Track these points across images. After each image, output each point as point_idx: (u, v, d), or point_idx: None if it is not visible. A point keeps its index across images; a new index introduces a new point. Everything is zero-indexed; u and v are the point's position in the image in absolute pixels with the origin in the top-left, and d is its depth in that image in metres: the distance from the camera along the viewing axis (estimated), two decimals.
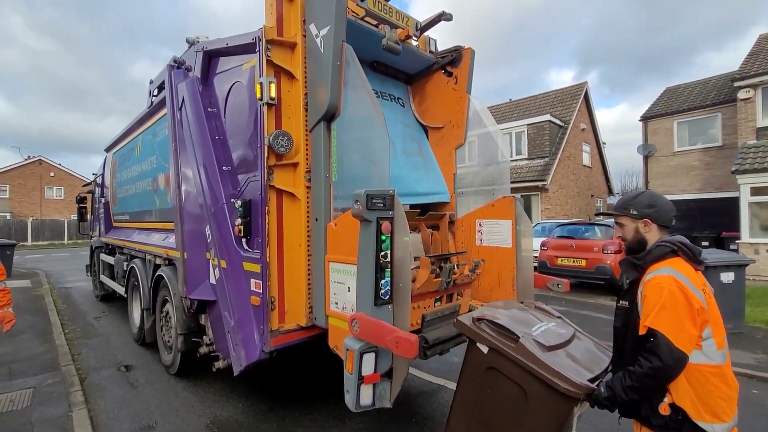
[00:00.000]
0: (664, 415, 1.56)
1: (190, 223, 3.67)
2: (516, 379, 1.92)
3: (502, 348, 1.96)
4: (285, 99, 2.85)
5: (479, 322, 2.10)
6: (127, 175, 6.03)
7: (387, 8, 3.23)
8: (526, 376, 1.87)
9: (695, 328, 1.52)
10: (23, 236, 25.57)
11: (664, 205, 1.79)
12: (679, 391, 1.55)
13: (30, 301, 7.85)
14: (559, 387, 1.75)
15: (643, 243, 1.79)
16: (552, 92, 19.39)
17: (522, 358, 1.88)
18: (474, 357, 2.11)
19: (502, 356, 1.96)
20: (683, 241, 1.69)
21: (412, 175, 3.60)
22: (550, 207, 16.05)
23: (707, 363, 1.53)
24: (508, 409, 1.96)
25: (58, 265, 14.55)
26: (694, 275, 1.62)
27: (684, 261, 1.65)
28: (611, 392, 1.64)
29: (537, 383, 1.84)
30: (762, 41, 13.16)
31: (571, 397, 1.74)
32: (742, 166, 10.85)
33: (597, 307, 7.72)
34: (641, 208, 1.79)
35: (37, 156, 32.65)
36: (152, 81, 4.70)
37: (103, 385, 4.06)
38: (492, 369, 2.01)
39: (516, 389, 1.92)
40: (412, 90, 4.14)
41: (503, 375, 1.97)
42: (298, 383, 4.09)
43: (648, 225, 1.78)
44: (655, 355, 1.51)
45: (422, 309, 2.45)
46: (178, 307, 3.83)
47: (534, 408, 1.86)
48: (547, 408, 1.83)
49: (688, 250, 1.66)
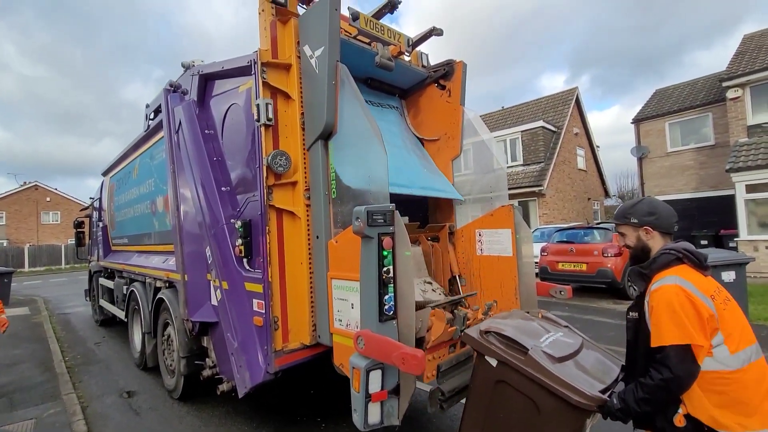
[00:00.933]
0: (679, 427, 1.52)
1: (190, 244, 3.66)
2: (527, 392, 1.89)
3: (511, 361, 1.93)
4: (282, 119, 2.88)
5: (486, 335, 2.08)
6: (124, 199, 6.03)
7: (379, 26, 3.30)
8: (536, 389, 1.84)
9: (705, 337, 1.48)
10: (20, 263, 25.39)
11: (664, 212, 1.77)
12: (693, 401, 1.51)
13: (29, 329, 7.75)
14: (572, 399, 1.72)
15: (646, 251, 1.76)
16: (544, 98, 19.64)
17: (532, 371, 1.85)
18: (482, 371, 2.09)
19: (511, 369, 1.93)
20: (687, 247, 1.66)
21: (424, 172, 3.62)
22: (548, 212, 16.10)
23: (721, 369, 1.49)
24: (519, 423, 1.93)
25: (56, 291, 14.43)
26: (701, 281, 1.58)
27: (690, 268, 1.62)
28: (624, 404, 1.61)
29: (548, 396, 1.81)
30: (747, 41, 13.43)
31: (583, 409, 1.72)
32: (735, 164, 10.97)
33: (600, 311, 7.69)
34: (641, 216, 1.78)
35: (33, 182, 32.64)
36: (149, 105, 4.74)
37: (106, 412, 4.00)
38: (501, 382, 1.99)
39: (527, 402, 1.89)
40: (407, 104, 4.19)
41: (513, 388, 1.94)
42: (304, 403, 4.03)
43: (649, 233, 1.76)
44: (665, 367, 1.49)
45: (437, 359, 2.41)
46: (180, 329, 3.80)
47: (546, 421, 1.83)
48: (560, 421, 1.80)
49: (693, 257, 1.62)
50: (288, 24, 2.90)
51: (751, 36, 13.69)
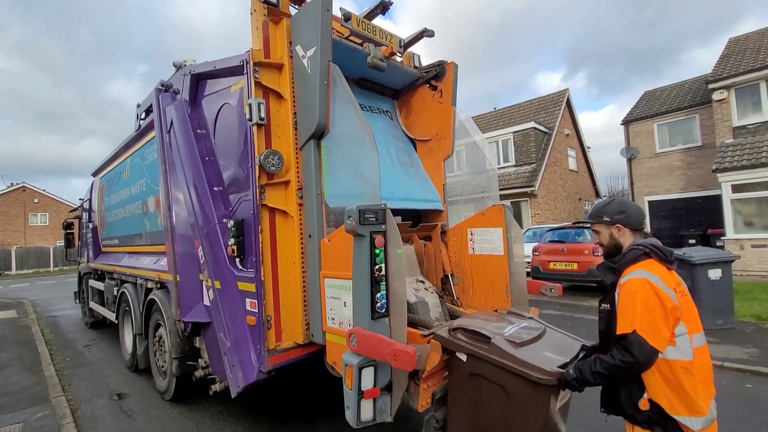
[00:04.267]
0: (644, 410, 1.65)
1: (182, 245, 3.65)
2: (496, 380, 2.01)
3: (477, 351, 2.06)
4: (274, 119, 2.89)
5: (455, 332, 2.19)
6: (115, 199, 5.98)
7: (371, 27, 3.32)
8: (503, 375, 1.97)
9: (667, 327, 1.60)
10: (7, 265, 24.96)
11: (633, 211, 1.91)
12: (652, 386, 1.63)
13: (16, 332, 7.63)
14: (532, 377, 1.85)
15: (618, 247, 1.90)
16: (535, 100, 19.83)
17: (496, 357, 1.99)
18: (456, 368, 2.19)
19: (479, 360, 2.06)
20: (654, 243, 1.78)
21: (407, 182, 3.66)
22: (540, 212, 16.25)
23: (680, 359, 1.60)
24: (495, 411, 2.03)
25: (45, 294, 14.20)
26: (666, 275, 1.70)
27: (656, 262, 1.73)
28: (579, 374, 1.74)
29: (514, 379, 1.93)
30: (732, 44, 13.70)
31: (546, 385, 1.84)
32: (721, 164, 11.18)
33: (590, 309, 7.77)
34: (612, 214, 1.91)
35: (20, 183, 32.08)
36: (140, 105, 4.71)
37: (96, 415, 3.96)
38: (474, 375, 2.10)
39: (498, 390, 2.01)
40: (399, 104, 4.22)
41: (484, 378, 2.06)
42: (297, 401, 4.03)
43: (620, 230, 1.89)
44: (628, 352, 1.60)
45: (432, 387, 2.42)
46: (172, 330, 3.77)
47: (517, 404, 1.95)
48: (528, 401, 1.92)
49: (660, 252, 1.75)
50: (280, 24, 2.91)
51: (736, 39, 13.98)
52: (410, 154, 4.02)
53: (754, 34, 13.82)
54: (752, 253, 10.71)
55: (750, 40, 13.36)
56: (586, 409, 3.52)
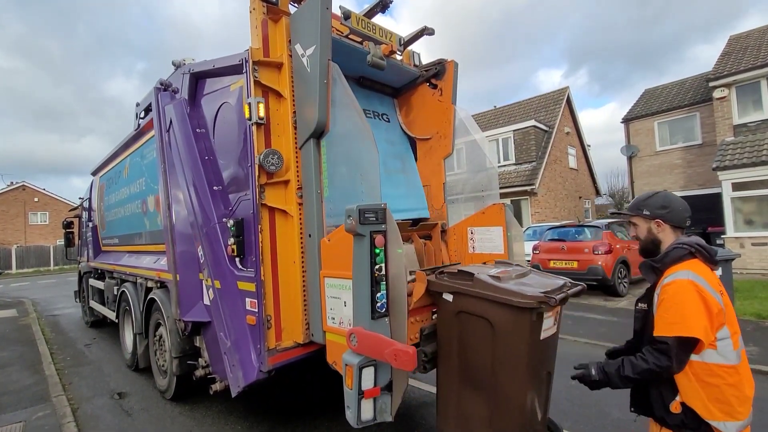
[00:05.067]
0: (676, 413, 1.58)
1: (182, 244, 3.64)
2: (480, 313, 2.07)
3: (461, 288, 2.13)
4: (274, 118, 2.88)
5: (441, 275, 2.28)
6: (115, 198, 5.97)
7: (370, 26, 3.31)
8: (486, 306, 2.03)
9: (710, 332, 1.51)
10: (7, 264, 24.98)
11: (677, 206, 1.78)
12: (687, 389, 1.55)
13: (17, 331, 7.64)
14: (513, 302, 1.92)
15: (656, 243, 1.79)
16: (536, 98, 19.80)
17: (479, 290, 2.06)
18: (444, 309, 2.27)
19: (464, 296, 2.13)
20: (700, 242, 1.67)
21: (392, 193, 3.66)
22: (540, 210, 16.25)
23: (722, 362, 1.52)
24: (482, 345, 2.09)
25: (45, 293, 14.21)
26: (711, 276, 1.60)
27: (701, 262, 1.63)
28: (604, 376, 1.68)
29: (497, 308, 2.00)
30: (732, 42, 13.67)
31: (526, 308, 1.91)
32: (722, 162, 11.16)
33: (591, 307, 7.78)
34: (654, 208, 1.79)
35: (20, 182, 32.07)
36: (139, 104, 4.70)
37: (97, 414, 3.96)
38: (460, 313, 2.16)
39: (483, 324, 2.07)
40: (399, 103, 4.21)
41: (470, 314, 2.12)
42: (298, 401, 4.03)
43: (660, 225, 1.78)
44: (664, 355, 1.53)
45: (420, 323, 2.47)
46: (172, 330, 3.77)
47: (501, 335, 2.00)
48: (511, 330, 1.98)
49: (705, 252, 1.64)
50: (279, 22, 2.89)
51: (737, 37, 13.94)
52: (403, 159, 4.01)
53: (755, 31, 13.79)
54: (752, 251, 10.71)
55: (751, 38, 13.33)
56: (588, 408, 3.53)
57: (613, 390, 1.78)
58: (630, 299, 8.33)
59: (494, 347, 2.03)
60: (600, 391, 1.86)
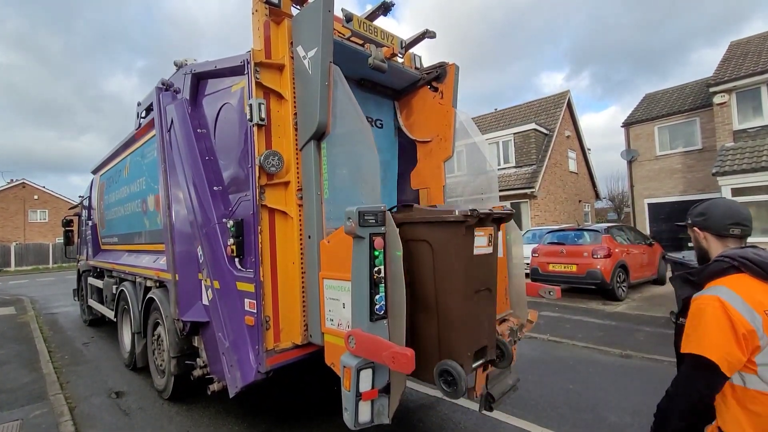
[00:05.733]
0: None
1: (182, 244, 3.64)
2: (421, 237, 2.32)
3: (405, 218, 2.39)
4: (275, 119, 2.89)
5: None
6: (115, 197, 5.97)
7: (372, 28, 3.32)
8: (425, 229, 2.30)
9: (741, 352, 1.34)
10: (6, 261, 24.96)
11: (714, 213, 1.61)
12: (725, 416, 1.41)
13: (15, 329, 7.63)
14: (444, 218, 2.21)
15: (704, 254, 1.65)
16: (536, 101, 19.84)
17: (417, 216, 2.37)
18: None
19: (407, 225, 2.36)
20: (745, 254, 1.46)
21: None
22: (540, 213, 16.26)
23: (764, 390, 1.36)
24: (426, 269, 2.30)
25: (44, 291, 14.20)
26: (756, 295, 1.40)
27: (749, 278, 1.43)
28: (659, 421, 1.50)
29: (433, 229, 2.27)
30: (733, 48, 13.71)
31: (456, 221, 2.18)
32: (722, 168, 11.19)
33: (589, 311, 7.79)
34: (693, 216, 1.67)
35: (20, 179, 32.07)
36: (140, 103, 4.71)
37: (94, 413, 3.96)
38: (408, 242, 2.33)
39: (424, 247, 2.31)
40: (399, 105, 4.22)
41: (414, 240, 2.34)
42: (295, 402, 4.03)
43: (699, 234, 1.65)
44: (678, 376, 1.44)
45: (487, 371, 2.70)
46: (171, 329, 3.77)
47: (439, 253, 2.25)
48: (446, 244, 2.24)
49: (755, 266, 1.42)
50: (281, 24, 2.91)
51: (737, 43, 13.99)
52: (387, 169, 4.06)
53: (755, 38, 13.83)
54: None
55: (751, 44, 13.37)
56: (585, 412, 3.53)
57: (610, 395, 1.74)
58: (628, 303, 8.34)
59: (435, 266, 2.26)
60: (597, 395, 1.85)
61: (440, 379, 2.20)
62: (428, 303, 2.31)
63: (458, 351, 2.23)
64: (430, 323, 2.31)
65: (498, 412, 3.44)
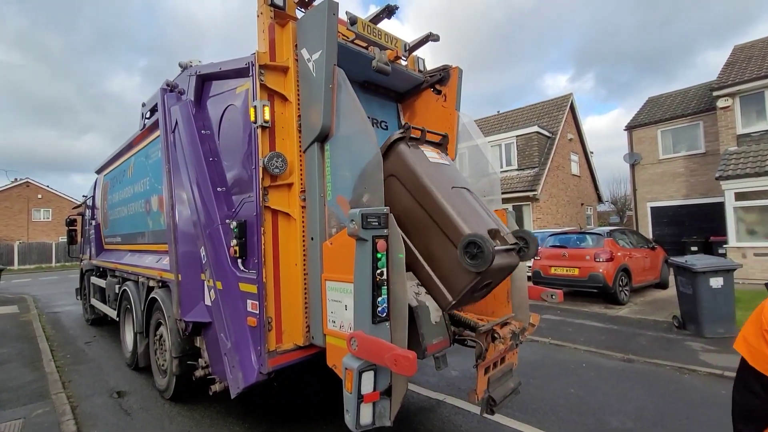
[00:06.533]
0: None
1: (185, 244, 3.66)
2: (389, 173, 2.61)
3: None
4: (279, 121, 2.90)
5: None
6: (118, 197, 6.00)
7: (376, 31, 3.33)
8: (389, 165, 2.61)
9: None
10: (9, 260, 25.05)
11: None
12: None
13: (18, 328, 7.66)
14: (389, 141, 2.66)
15: None
16: (539, 104, 19.83)
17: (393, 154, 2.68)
18: None
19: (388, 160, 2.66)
20: None
21: None
22: (542, 216, 16.23)
23: None
24: (404, 197, 2.58)
25: (46, 290, 14.26)
26: None
27: None
28: None
29: (391, 161, 2.62)
30: (737, 52, 13.68)
31: (397, 139, 2.65)
32: (725, 172, 11.15)
33: (591, 315, 7.76)
34: None
35: (24, 178, 32.22)
36: (145, 104, 4.74)
37: (96, 413, 3.97)
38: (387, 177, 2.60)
39: (394, 182, 2.63)
40: (403, 108, 4.23)
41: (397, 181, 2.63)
42: (297, 403, 4.03)
43: None
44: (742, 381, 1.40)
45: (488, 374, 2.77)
46: (173, 329, 3.79)
47: (402, 177, 2.60)
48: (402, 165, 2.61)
49: None
50: (286, 27, 2.92)
51: (741, 47, 13.96)
52: None
53: (759, 41, 13.80)
54: (754, 262, 10.66)
55: (755, 48, 13.34)
56: (586, 416, 3.52)
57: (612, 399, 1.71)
58: (631, 307, 8.31)
59: (407, 190, 2.56)
60: (598, 399, 1.84)
61: (465, 254, 2.25)
62: (427, 224, 2.50)
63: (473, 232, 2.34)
64: (433, 238, 2.48)
65: (499, 415, 3.43)
